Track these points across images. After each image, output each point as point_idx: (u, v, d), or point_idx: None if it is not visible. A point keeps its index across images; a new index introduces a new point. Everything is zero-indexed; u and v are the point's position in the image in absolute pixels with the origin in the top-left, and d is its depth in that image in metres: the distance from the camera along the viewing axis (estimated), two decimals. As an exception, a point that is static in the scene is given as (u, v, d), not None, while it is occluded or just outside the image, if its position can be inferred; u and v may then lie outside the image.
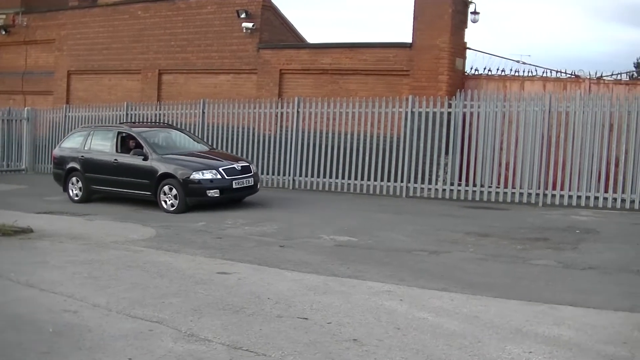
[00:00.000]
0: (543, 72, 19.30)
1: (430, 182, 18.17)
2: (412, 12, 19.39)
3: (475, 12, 19.86)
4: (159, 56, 24.64)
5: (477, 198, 17.31)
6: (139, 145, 16.93)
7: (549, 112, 16.77)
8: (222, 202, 16.20)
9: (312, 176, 19.48)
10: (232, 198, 16.57)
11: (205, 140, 20.19)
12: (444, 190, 17.88)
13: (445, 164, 18.06)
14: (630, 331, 7.01)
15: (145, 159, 16.53)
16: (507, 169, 17.25)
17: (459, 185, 17.78)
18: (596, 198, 16.17)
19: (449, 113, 17.92)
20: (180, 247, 11.62)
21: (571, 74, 18.95)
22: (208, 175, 15.89)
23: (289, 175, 20.02)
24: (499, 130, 17.36)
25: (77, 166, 17.90)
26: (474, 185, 17.48)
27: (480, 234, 12.83)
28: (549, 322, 7.31)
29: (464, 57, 19.76)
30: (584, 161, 16.35)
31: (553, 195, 16.57)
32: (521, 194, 16.84)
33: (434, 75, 19.03)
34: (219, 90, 23.02)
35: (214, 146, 20.23)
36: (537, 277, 9.57)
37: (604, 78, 18.47)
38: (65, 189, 18.20)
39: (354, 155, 18.96)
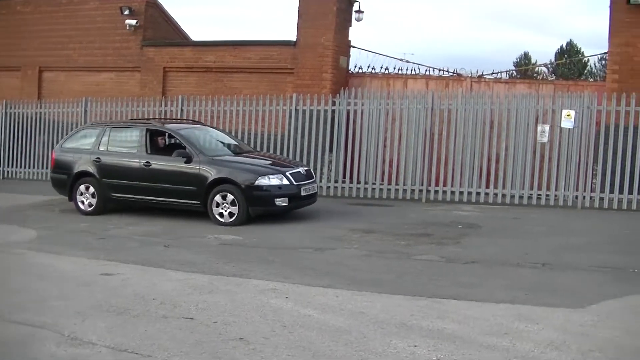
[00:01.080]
0: (426, 71, 19.64)
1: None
2: (297, 11, 19.44)
3: (359, 11, 20.04)
4: (39, 53, 23.83)
5: (362, 195, 17.48)
6: (176, 146, 14.88)
7: (432, 109, 17.07)
8: (286, 212, 14.40)
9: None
10: (297, 207, 14.59)
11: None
12: (328, 187, 17.97)
13: (330, 162, 18.17)
14: (511, 322, 7.21)
15: (189, 161, 14.05)
16: (390, 165, 17.49)
17: (344, 182, 17.91)
18: (478, 193, 16.56)
19: (333, 111, 18.04)
20: (63, 248, 11.37)
21: (453, 73, 19.37)
22: (275, 180, 13.75)
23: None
24: (383, 127, 17.57)
25: (91, 170, 15.11)
26: (358, 182, 17.64)
27: (365, 230, 12.97)
28: (433, 315, 7.45)
29: (348, 56, 19.91)
30: (465, 157, 16.72)
31: (436, 191, 16.88)
32: (405, 190, 17.10)
33: (318, 73, 19.14)
34: (101, 88, 22.51)
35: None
36: (421, 272, 9.74)
37: (484, 77, 18.95)
38: (72, 198, 15.41)
39: (239, 153, 18.88)
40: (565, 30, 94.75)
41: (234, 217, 13.63)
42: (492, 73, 19.31)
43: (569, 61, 36.36)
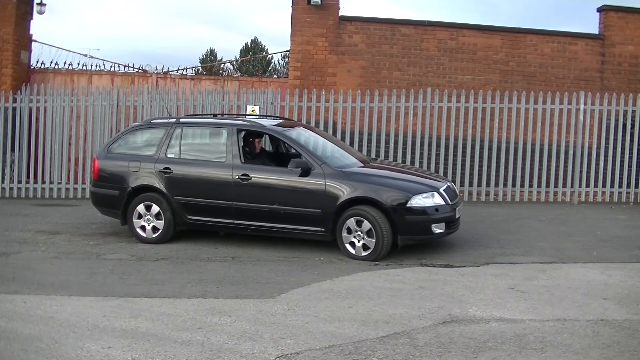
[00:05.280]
0: (111, 67, 19.57)
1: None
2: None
3: (41, 4, 19.50)
4: None
5: (47, 195, 16.94)
6: (279, 153, 12.39)
7: (117, 105, 16.95)
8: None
9: None
10: (450, 234, 11.11)
11: None
12: (11, 188, 17.18)
13: (12, 162, 17.41)
14: (204, 316, 7.41)
15: (306, 173, 10.76)
16: (76, 164, 17.11)
17: (27, 182, 17.25)
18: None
19: (14, 108, 17.30)
20: None
21: (139, 69, 19.34)
22: (429, 200, 10.54)
23: None
24: (68, 125, 17.15)
25: (156, 184, 11.62)
26: (43, 182, 17.08)
27: (51, 231, 12.65)
28: (125, 315, 7.45)
29: (29, 50, 19.26)
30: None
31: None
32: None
33: (-2, 68, 18.34)
34: None
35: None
36: (112, 271, 9.72)
37: (170, 73, 19.17)
38: (127, 221, 11.88)
39: None
40: (251, 28, 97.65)
41: (370, 250, 10.44)
42: (178, 69, 19.59)
43: (253, 58, 37.40)
